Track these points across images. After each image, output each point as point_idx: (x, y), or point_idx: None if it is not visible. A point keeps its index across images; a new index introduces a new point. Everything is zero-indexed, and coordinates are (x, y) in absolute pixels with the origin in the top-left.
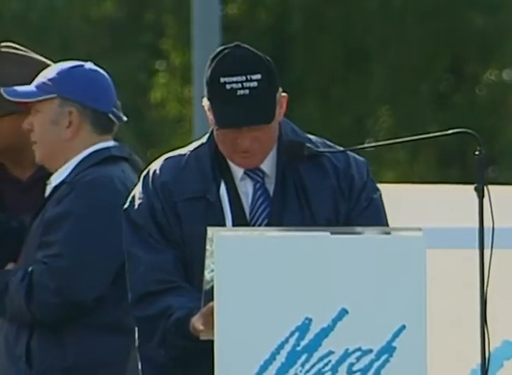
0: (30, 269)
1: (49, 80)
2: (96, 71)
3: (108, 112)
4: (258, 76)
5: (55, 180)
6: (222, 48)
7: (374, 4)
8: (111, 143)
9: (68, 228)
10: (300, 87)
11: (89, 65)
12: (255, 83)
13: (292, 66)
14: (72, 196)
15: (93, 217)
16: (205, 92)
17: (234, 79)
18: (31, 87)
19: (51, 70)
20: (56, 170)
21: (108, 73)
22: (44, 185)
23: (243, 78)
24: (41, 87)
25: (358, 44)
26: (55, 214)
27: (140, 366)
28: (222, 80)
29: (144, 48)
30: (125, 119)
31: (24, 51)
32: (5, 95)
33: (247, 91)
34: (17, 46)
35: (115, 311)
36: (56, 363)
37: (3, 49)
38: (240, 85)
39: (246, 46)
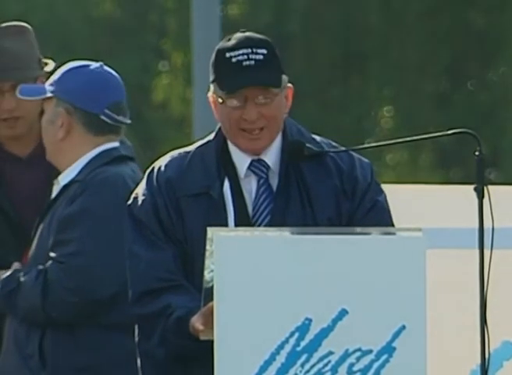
0: (43, 267)
1: (54, 79)
2: (98, 72)
3: (100, 114)
4: (264, 51)
5: (62, 179)
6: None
7: (373, 4)
8: (117, 143)
9: (84, 226)
10: (300, 88)
11: (96, 65)
12: (261, 56)
13: (292, 66)
14: (86, 194)
15: (108, 215)
16: (211, 75)
17: (240, 51)
18: (42, 86)
19: (60, 69)
20: (63, 169)
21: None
22: (45, 162)
23: (249, 50)
24: (46, 87)
25: (358, 45)
26: (71, 212)
27: (139, 363)
28: (228, 54)
29: (146, 49)
30: (128, 121)
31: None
32: (18, 94)
33: (252, 62)
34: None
35: (128, 310)
36: (70, 362)
37: (3, 25)
38: (245, 56)
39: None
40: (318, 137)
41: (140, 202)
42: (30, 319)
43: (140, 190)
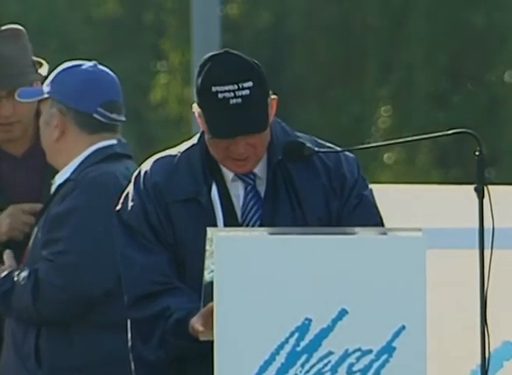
0: (35, 266)
1: (49, 80)
2: (90, 71)
3: (92, 113)
4: (250, 84)
5: (58, 178)
6: (210, 54)
7: (373, 4)
8: (114, 141)
9: (73, 224)
10: (299, 88)
11: (89, 64)
12: (247, 91)
13: (291, 66)
14: (76, 193)
15: (97, 213)
16: (196, 100)
17: (226, 88)
18: (39, 88)
19: (55, 70)
20: (61, 169)
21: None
22: (40, 162)
23: (235, 87)
24: (44, 88)
25: (358, 45)
26: (60, 211)
27: (133, 367)
28: (214, 89)
29: (145, 49)
30: (123, 119)
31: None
32: (17, 97)
33: (239, 100)
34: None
35: (123, 308)
36: (65, 362)
37: (2, 28)
38: (232, 94)
39: (235, 52)
40: (302, 135)
41: (129, 207)
42: (23, 319)
43: (129, 194)
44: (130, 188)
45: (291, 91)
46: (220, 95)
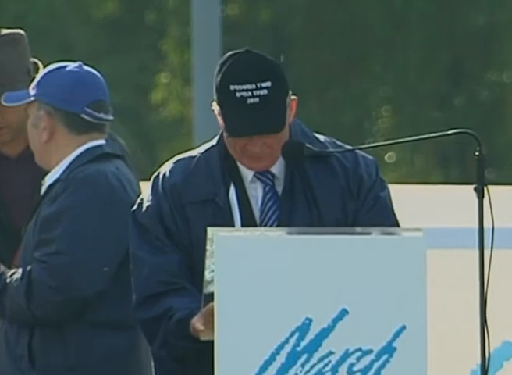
0: (28, 268)
1: (35, 83)
2: (75, 72)
3: (80, 113)
4: (268, 84)
5: (48, 179)
6: (231, 53)
7: (374, 4)
8: (102, 141)
9: (65, 225)
10: (300, 88)
11: (74, 65)
12: (265, 91)
13: (292, 67)
14: (67, 193)
15: (89, 212)
16: (215, 97)
17: (244, 87)
18: (26, 91)
19: (40, 73)
20: (51, 170)
21: (101, 73)
22: (35, 162)
23: (253, 86)
24: (29, 91)
25: (358, 45)
26: (52, 212)
27: (153, 366)
28: (232, 87)
29: (145, 49)
30: (111, 118)
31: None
32: (3, 102)
33: (257, 100)
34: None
35: (116, 307)
36: (59, 362)
37: (2, 32)
38: (250, 93)
39: (256, 51)
40: (321, 137)
41: (144, 208)
42: (17, 320)
43: (146, 196)
44: (148, 189)
45: (291, 91)
46: (238, 94)
